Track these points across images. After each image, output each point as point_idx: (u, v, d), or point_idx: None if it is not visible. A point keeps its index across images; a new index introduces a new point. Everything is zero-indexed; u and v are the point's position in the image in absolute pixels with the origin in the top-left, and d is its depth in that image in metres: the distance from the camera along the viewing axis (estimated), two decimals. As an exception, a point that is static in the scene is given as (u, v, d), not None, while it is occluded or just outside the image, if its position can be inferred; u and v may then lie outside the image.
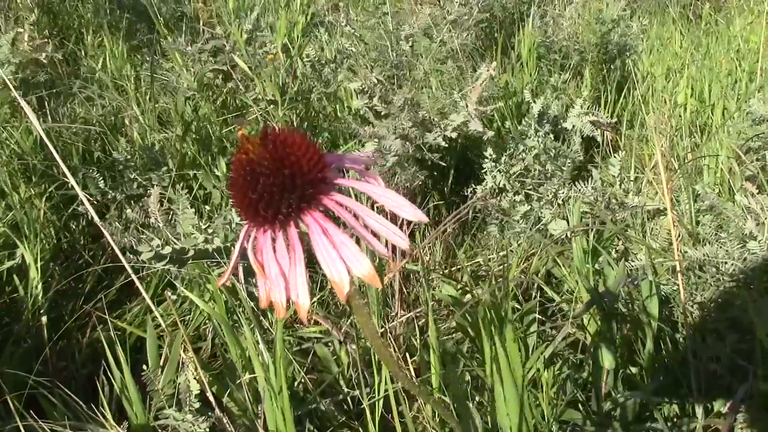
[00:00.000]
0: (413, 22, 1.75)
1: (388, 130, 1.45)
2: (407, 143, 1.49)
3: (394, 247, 1.34)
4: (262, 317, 1.14)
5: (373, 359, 1.06)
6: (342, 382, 1.19)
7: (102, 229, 1.12)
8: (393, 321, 1.27)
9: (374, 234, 0.42)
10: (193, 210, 1.28)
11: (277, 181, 0.42)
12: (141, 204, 1.44)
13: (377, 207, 0.48)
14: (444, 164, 1.60)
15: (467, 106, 1.52)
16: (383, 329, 1.25)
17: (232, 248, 1.19)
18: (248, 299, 1.12)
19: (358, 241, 0.42)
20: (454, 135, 1.51)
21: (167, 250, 1.18)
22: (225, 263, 1.24)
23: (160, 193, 1.43)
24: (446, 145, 1.52)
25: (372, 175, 0.47)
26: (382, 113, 1.51)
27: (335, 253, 0.41)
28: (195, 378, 0.96)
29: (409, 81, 1.57)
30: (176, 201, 1.27)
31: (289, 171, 0.42)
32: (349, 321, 1.23)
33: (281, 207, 0.42)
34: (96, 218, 1.09)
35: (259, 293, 0.45)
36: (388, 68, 1.62)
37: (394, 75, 1.61)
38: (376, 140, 1.44)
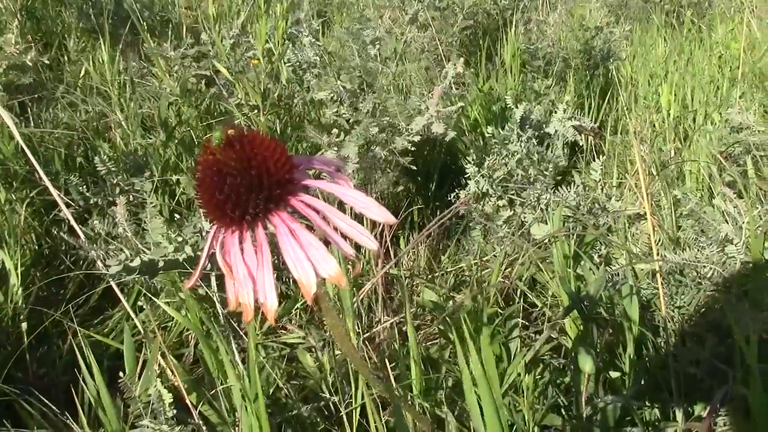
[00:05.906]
0: (378, 25, 1.75)
1: (349, 139, 1.45)
2: (377, 148, 1.49)
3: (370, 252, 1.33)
4: (237, 326, 1.13)
5: (349, 366, 1.06)
6: (324, 388, 1.18)
7: (81, 235, 1.11)
8: (377, 326, 1.27)
9: (342, 235, 0.42)
10: (170, 216, 1.26)
11: (244, 181, 0.41)
12: (109, 214, 1.41)
13: (346, 208, 0.48)
14: (415, 168, 1.60)
15: (428, 109, 1.53)
16: (367, 334, 1.25)
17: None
18: (222, 307, 1.11)
19: (326, 242, 0.42)
20: (416, 139, 1.52)
21: (137, 262, 1.15)
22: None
23: (142, 200, 1.41)
24: (415, 149, 1.53)
25: (341, 177, 0.47)
26: (350, 121, 1.51)
27: (302, 253, 0.41)
28: (172, 385, 0.95)
29: (377, 87, 1.57)
30: (144, 210, 1.24)
31: (256, 171, 0.41)
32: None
33: (248, 207, 0.42)
34: (74, 224, 1.08)
35: (228, 295, 0.44)
36: (357, 75, 1.62)
37: (364, 81, 1.61)
38: (335, 149, 1.44)
